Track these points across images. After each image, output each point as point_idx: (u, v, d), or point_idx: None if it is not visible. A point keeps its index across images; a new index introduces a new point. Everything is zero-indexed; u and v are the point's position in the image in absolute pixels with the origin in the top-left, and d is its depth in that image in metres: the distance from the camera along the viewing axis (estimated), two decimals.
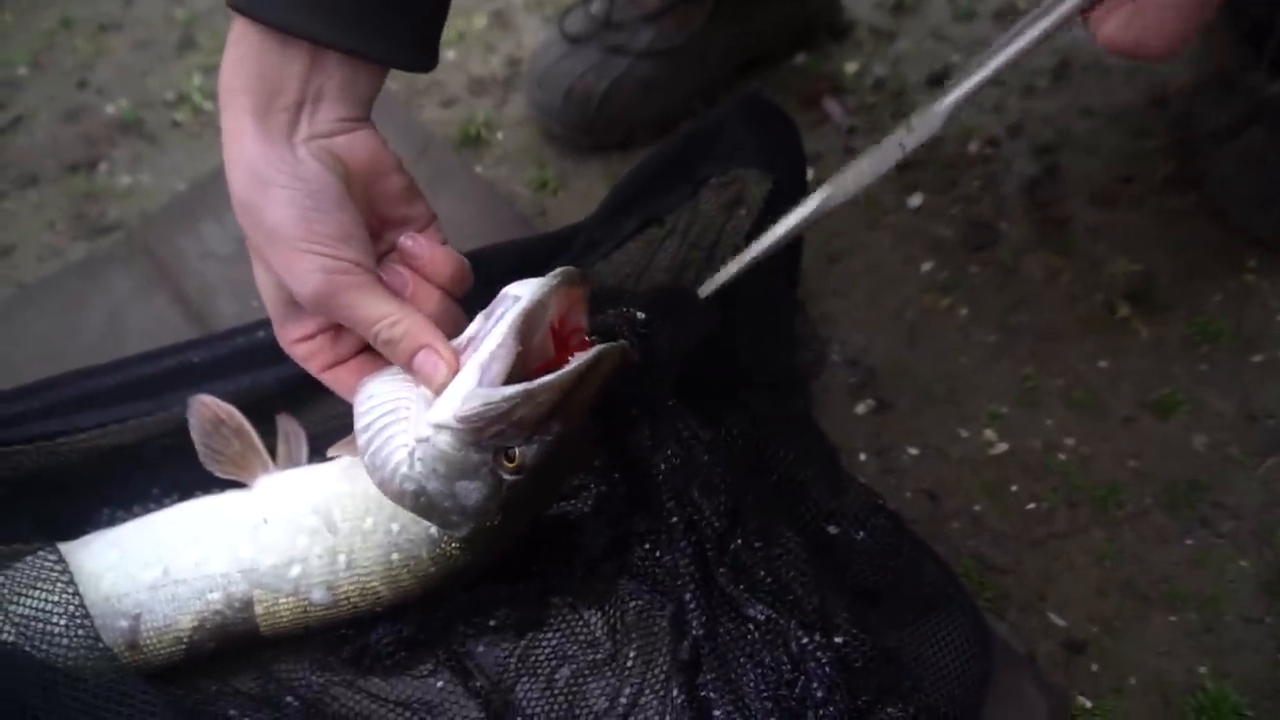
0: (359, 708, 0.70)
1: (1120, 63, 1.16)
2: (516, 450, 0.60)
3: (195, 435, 0.71)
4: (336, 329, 0.63)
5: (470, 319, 0.63)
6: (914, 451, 0.89)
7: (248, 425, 0.71)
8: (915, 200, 1.06)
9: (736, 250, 0.68)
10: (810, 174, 0.99)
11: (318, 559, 0.68)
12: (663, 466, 0.69)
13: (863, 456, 0.88)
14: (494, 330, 0.59)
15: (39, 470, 0.75)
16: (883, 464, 0.88)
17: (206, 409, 0.71)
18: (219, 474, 0.71)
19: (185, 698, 0.66)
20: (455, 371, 0.59)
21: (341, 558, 0.68)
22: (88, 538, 0.70)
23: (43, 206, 1.16)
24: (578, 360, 0.59)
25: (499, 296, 0.61)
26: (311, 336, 0.63)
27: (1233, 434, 0.87)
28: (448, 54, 1.25)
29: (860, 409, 0.92)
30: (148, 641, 0.67)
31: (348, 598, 0.68)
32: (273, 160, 0.56)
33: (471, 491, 0.62)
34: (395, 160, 0.62)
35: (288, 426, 0.75)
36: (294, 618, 0.68)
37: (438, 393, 0.60)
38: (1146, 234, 1.01)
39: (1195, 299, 0.95)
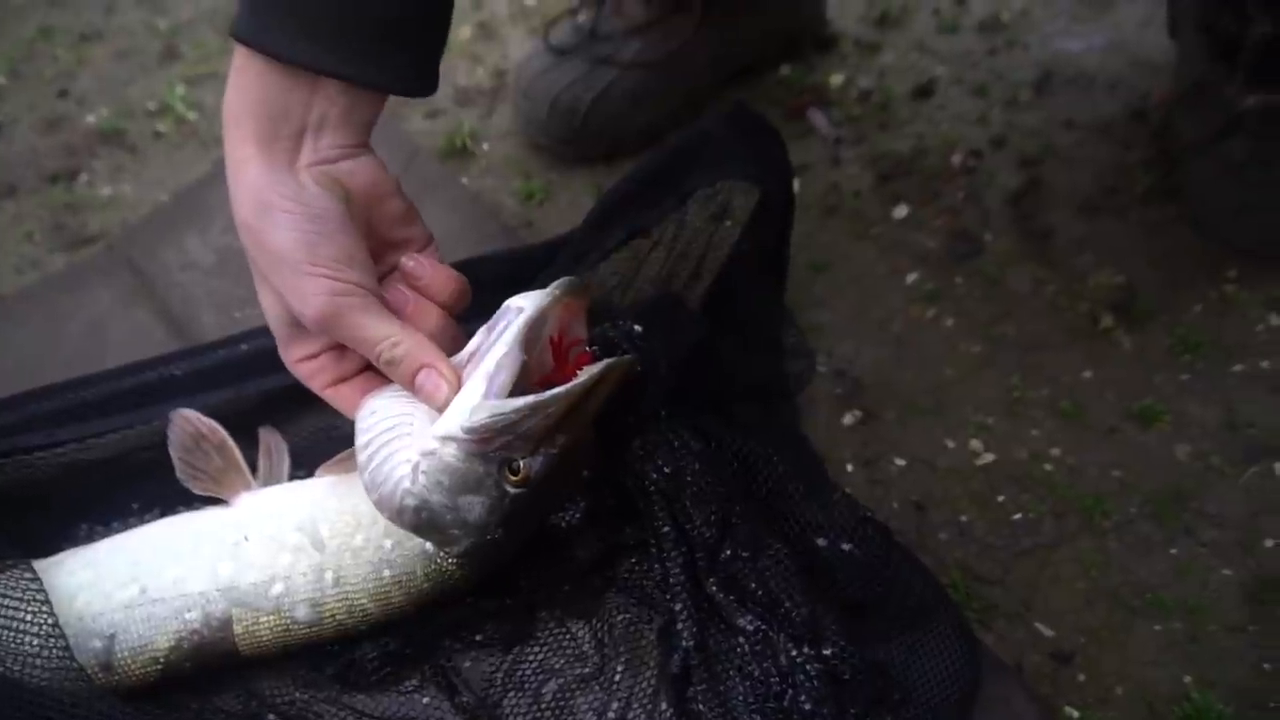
0: None
1: (1102, 76, 1.17)
2: (521, 463, 0.61)
3: (174, 451, 0.70)
4: (340, 348, 0.64)
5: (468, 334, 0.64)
6: (901, 462, 0.89)
7: (230, 441, 0.70)
8: (900, 211, 1.07)
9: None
10: (796, 186, 0.99)
11: (302, 576, 0.67)
12: (654, 476, 0.69)
13: (850, 467, 0.88)
14: (499, 341, 0.60)
15: (16, 485, 0.74)
16: (870, 475, 0.88)
17: (187, 424, 0.70)
18: (197, 491, 0.70)
19: (163, 716, 0.64)
20: (457, 390, 0.60)
21: (329, 575, 0.67)
22: (62, 555, 0.69)
23: (21, 217, 1.15)
24: (587, 373, 0.59)
25: (501, 309, 0.62)
26: (315, 356, 0.64)
27: (1215, 443, 0.88)
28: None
29: (847, 420, 0.92)
30: (122, 662, 0.66)
31: (333, 615, 0.67)
32: (276, 186, 0.57)
33: (474, 505, 0.62)
34: (395, 184, 0.63)
35: (270, 440, 0.74)
36: (275, 637, 0.67)
37: (441, 410, 0.60)
38: (1129, 245, 1.02)
39: (1177, 309, 0.96)
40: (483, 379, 0.59)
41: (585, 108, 1.09)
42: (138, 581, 0.67)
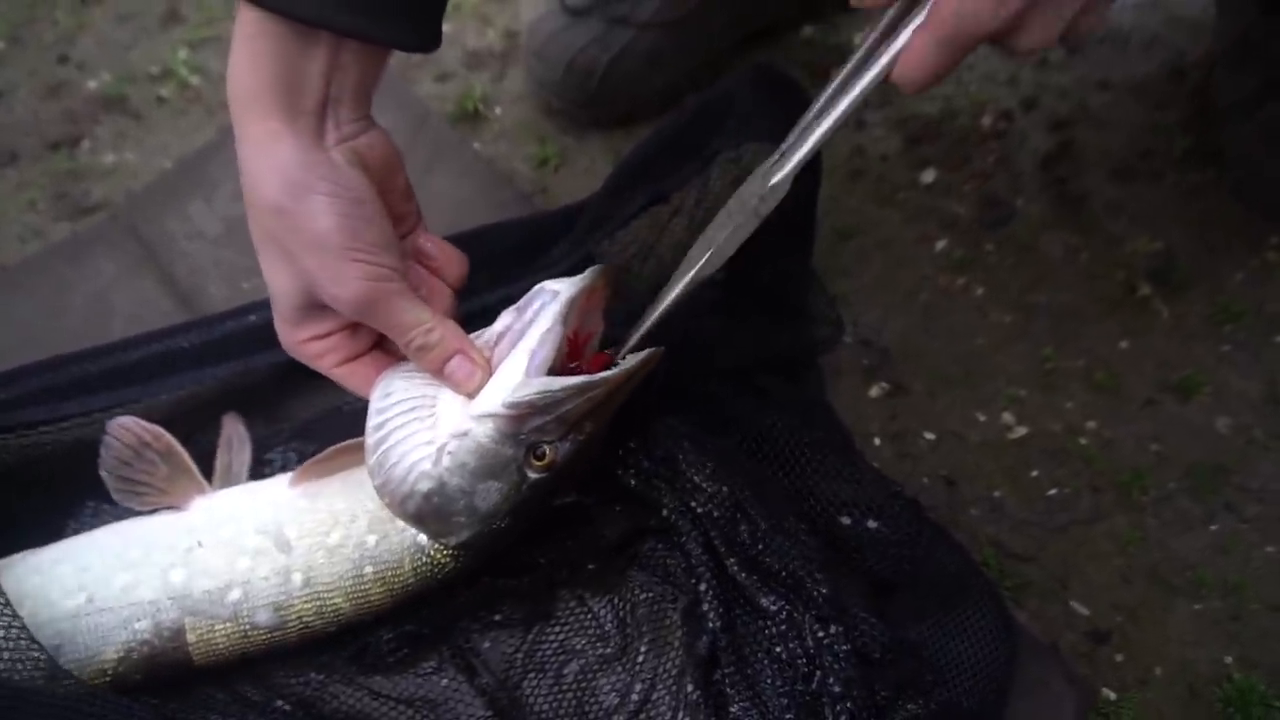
0: (360, 705, 0.67)
1: (1138, 33, 1.12)
2: (547, 448, 0.60)
3: (107, 469, 0.66)
4: (353, 326, 0.63)
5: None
6: (930, 436, 0.86)
7: (177, 445, 0.68)
8: (928, 176, 1.04)
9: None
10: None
11: (263, 580, 0.64)
12: (645, 464, 0.69)
13: (877, 441, 0.86)
14: (540, 318, 0.59)
15: (19, 461, 0.71)
16: (898, 449, 0.86)
17: (126, 433, 0.67)
18: (143, 508, 0.67)
19: (163, 706, 0.62)
20: (489, 377, 0.60)
21: (297, 576, 0.65)
22: (12, 559, 0.66)
23: (23, 186, 1.12)
24: (631, 360, 0.60)
25: (533, 292, 0.61)
26: (327, 335, 0.63)
27: (1257, 416, 0.85)
28: (443, 28, 1.21)
29: (874, 392, 0.90)
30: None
31: (299, 618, 0.65)
32: (312, 167, 0.56)
33: (491, 491, 0.61)
34: (401, 157, 0.62)
35: (232, 431, 0.71)
36: (232, 644, 0.65)
37: (471, 397, 0.60)
38: (1166, 210, 0.98)
39: (1217, 277, 0.93)
40: (525, 354, 0.59)
41: (601, 69, 1.05)
42: (85, 590, 0.64)
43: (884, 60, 0.56)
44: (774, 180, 0.61)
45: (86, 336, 0.83)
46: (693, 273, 0.63)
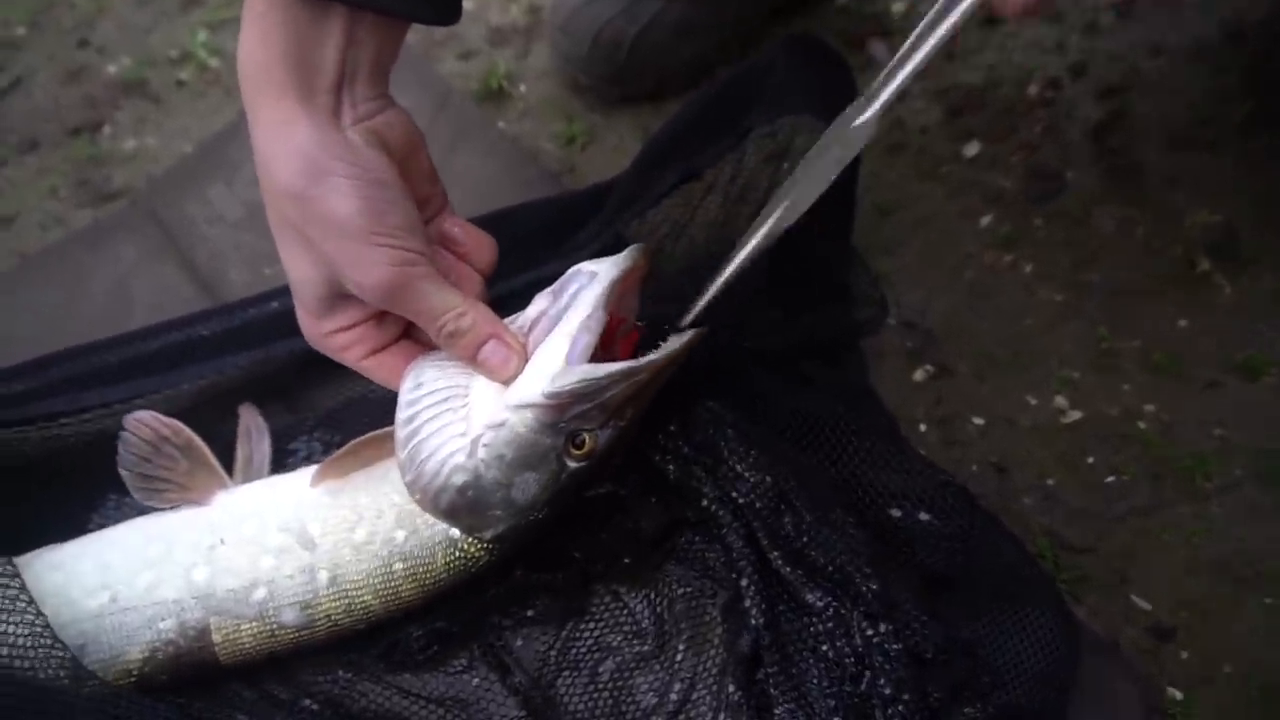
0: (389, 704, 0.66)
1: None
2: (587, 436, 0.58)
3: (125, 467, 0.65)
4: (379, 316, 0.61)
5: None
6: (979, 421, 0.84)
7: (197, 439, 0.66)
8: (972, 149, 1.00)
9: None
10: None
11: (288, 579, 0.63)
12: (685, 451, 0.66)
13: (923, 427, 0.84)
14: (580, 302, 0.57)
15: (41, 454, 0.70)
16: (945, 435, 0.83)
17: (143, 428, 0.65)
18: (164, 505, 0.65)
19: (189, 705, 0.61)
20: (525, 363, 0.58)
21: (323, 574, 0.63)
22: (30, 556, 0.65)
23: (44, 172, 1.11)
24: (673, 342, 0.58)
25: (569, 273, 0.59)
26: (352, 326, 0.60)
27: None
28: (465, 3, 1.18)
29: (918, 375, 0.87)
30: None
31: (328, 616, 0.63)
32: (330, 148, 0.53)
33: (530, 483, 0.59)
34: (422, 136, 0.60)
35: (250, 421, 0.70)
36: (259, 643, 0.63)
37: (507, 384, 0.58)
38: (1227, 180, 0.94)
39: None
40: (565, 340, 0.57)
41: (629, 42, 1.02)
42: (108, 589, 0.63)
43: None
44: (861, 119, 0.59)
45: (107, 325, 0.82)
46: (770, 223, 0.61)
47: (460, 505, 0.60)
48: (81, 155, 1.12)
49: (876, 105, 0.59)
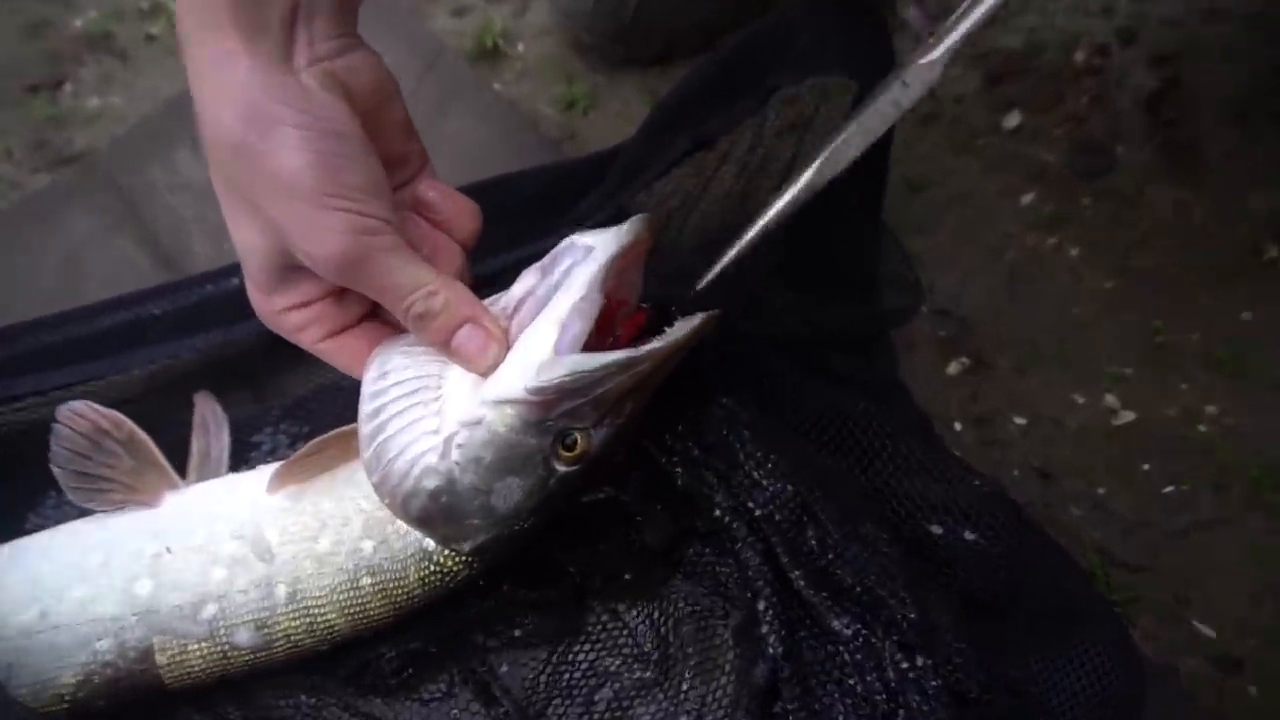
0: None
1: None
2: (579, 435, 0.53)
3: (59, 460, 0.59)
4: (339, 293, 0.54)
5: None
6: (1020, 421, 0.80)
7: (140, 433, 0.61)
8: (1012, 120, 0.96)
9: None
10: None
11: (241, 594, 0.57)
12: (695, 452, 0.61)
13: (958, 426, 0.80)
14: (571, 283, 0.51)
15: None
16: (983, 435, 0.79)
17: (81, 420, 0.60)
18: (107, 507, 0.60)
19: None
20: (506, 351, 0.53)
21: (281, 589, 0.58)
22: None
23: (0, 133, 1.06)
24: (681, 327, 0.53)
25: (561, 246, 0.54)
26: (308, 303, 0.54)
27: None
28: None
29: (952, 369, 0.83)
30: (21, 700, 0.58)
31: (287, 636, 0.58)
32: (277, 92, 0.47)
33: (512, 489, 0.54)
34: (396, 85, 0.54)
35: (206, 411, 0.64)
36: (209, 666, 0.58)
37: (485, 375, 0.53)
38: None
39: None
40: (552, 325, 0.51)
41: None
42: (37, 603, 0.58)
43: None
44: (927, 58, 0.56)
45: (56, 303, 0.75)
46: (805, 179, 0.57)
47: (433, 512, 0.54)
48: (40, 115, 1.06)
49: (954, 38, 0.54)
